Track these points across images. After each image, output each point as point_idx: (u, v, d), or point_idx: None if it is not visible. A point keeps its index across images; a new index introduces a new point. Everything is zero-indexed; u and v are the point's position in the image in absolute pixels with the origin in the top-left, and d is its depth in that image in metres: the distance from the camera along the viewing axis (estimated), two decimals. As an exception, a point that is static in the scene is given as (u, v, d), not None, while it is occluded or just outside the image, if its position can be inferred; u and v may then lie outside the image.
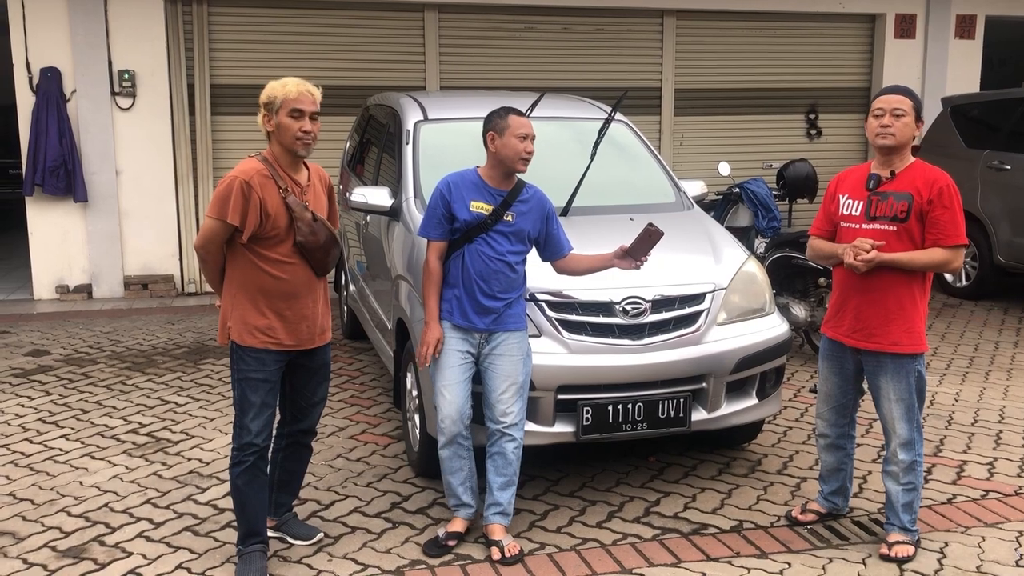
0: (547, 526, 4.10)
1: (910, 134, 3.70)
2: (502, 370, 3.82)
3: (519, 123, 3.81)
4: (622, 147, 5.57)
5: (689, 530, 4.07)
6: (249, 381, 3.56)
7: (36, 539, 3.98)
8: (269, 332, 3.53)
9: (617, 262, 3.90)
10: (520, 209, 3.87)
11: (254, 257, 3.50)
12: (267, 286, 3.51)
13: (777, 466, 4.79)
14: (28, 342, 7.35)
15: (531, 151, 3.80)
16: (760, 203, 7.31)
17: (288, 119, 3.46)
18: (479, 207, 3.82)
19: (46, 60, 8.53)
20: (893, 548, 3.77)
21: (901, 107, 3.67)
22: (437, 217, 3.84)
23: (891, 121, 3.67)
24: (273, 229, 3.46)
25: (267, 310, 3.52)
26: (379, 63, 9.46)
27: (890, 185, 3.71)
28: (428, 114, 5.57)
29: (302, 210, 3.51)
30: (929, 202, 3.63)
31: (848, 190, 3.84)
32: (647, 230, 3.78)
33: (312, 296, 3.62)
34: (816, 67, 10.67)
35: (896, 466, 3.78)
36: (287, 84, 3.48)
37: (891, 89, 3.77)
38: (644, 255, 3.84)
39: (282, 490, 3.91)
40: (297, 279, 3.54)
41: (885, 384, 3.74)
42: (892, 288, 3.67)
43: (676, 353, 4.22)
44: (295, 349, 3.60)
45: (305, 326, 3.60)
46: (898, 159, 3.74)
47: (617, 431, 4.17)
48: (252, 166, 3.48)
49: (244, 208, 3.40)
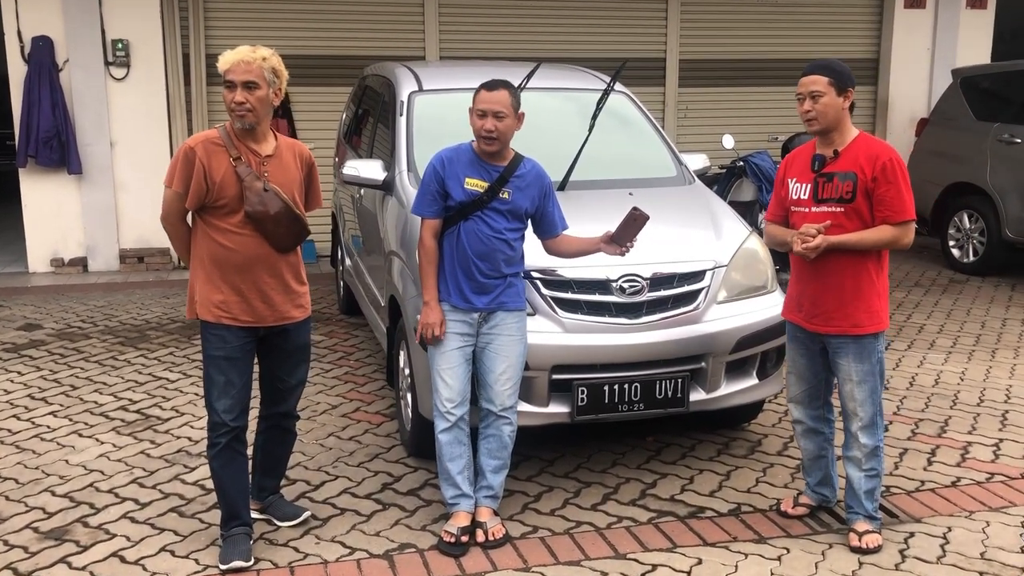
0: (540, 508, 4.01)
1: (835, 111, 3.55)
2: (501, 351, 3.71)
3: (481, 98, 3.66)
4: (622, 119, 5.42)
5: (686, 513, 3.97)
6: (212, 359, 3.47)
7: (18, 520, 3.90)
8: (223, 307, 3.43)
9: (603, 247, 3.76)
10: (517, 185, 3.74)
11: (207, 228, 3.43)
12: (219, 257, 3.42)
13: (777, 447, 4.68)
14: (21, 316, 7.27)
15: (490, 129, 3.60)
16: (765, 177, 7.16)
17: (224, 90, 3.38)
18: (474, 184, 3.69)
19: (38, 29, 8.38)
20: (863, 539, 3.64)
21: (817, 88, 3.53)
22: (431, 194, 3.71)
23: (811, 106, 3.55)
24: (221, 198, 3.37)
25: (222, 284, 3.43)
26: (377, 32, 9.28)
27: (835, 165, 3.58)
28: (423, 84, 5.43)
29: (252, 179, 3.39)
30: (873, 179, 3.50)
31: (796, 173, 3.71)
32: (631, 214, 3.64)
33: (270, 271, 3.48)
34: (824, 37, 10.45)
35: (859, 451, 3.67)
36: (227, 53, 3.39)
37: (807, 69, 3.60)
38: (630, 240, 3.71)
39: (265, 473, 3.82)
40: (248, 251, 3.43)
41: (847, 365, 3.63)
42: (846, 270, 3.56)
43: (674, 332, 4.10)
44: (255, 326, 3.49)
45: (263, 302, 3.48)
46: (837, 136, 3.60)
47: (613, 412, 4.07)
48: (204, 134, 3.44)
49: (187, 174, 3.35)
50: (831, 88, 3.54)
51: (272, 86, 3.40)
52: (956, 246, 8.86)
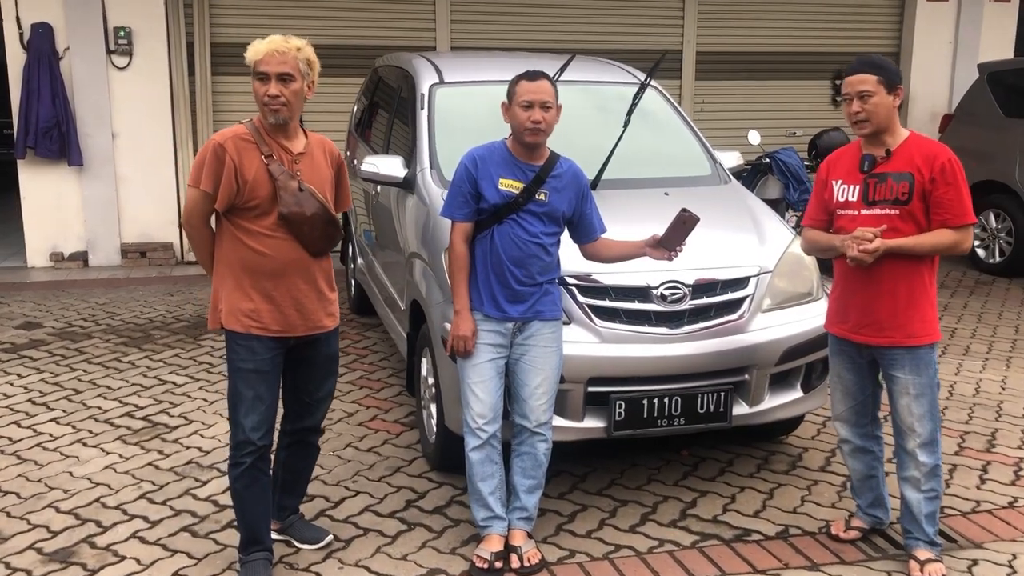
0: (576, 530, 3.77)
1: (887, 111, 3.32)
2: (536, 363, 3.47)
3: (524, 89, 3.40)
4: (653, 115, 5.16)
5: (731, 536, 3.74)
6: (239, 372, 3.22)
7: (21, 539, 3.66)
8: (253, 316, 3.18)
9: (649, 251, 3.52)
10: (554, 186, 3.49)
11: (237, 231, 3.17)
12: (251, 263, 3.16)
13: (819, 462, 4.45)
14: (20, 314, 7.01)
15: (537, 120, 3.36)
16: (791, 174, 6.94)
17: (256, 83, 3.13)
18: (508, 185, 3.44)
19: (37, 15, 8.10)
20: (926, 568, 3.40)
21: (865, 87, 3.30)
22: (463, 195, 3.46)
23: (860, 107, 3.31)
24: (253, 199, 3.12)
25: (252, 291, 3.18)
26: (387, 22, 9.02)
27: (887, 165, 3.35)
28: (444, 76, 5.17)
29: (287, 179, 3.15)
30: (931, 180, 3.28)
31: (841, 175, 3.47)
32: (681, 216, 3.39)
33: (304, 277, 3.24)
34: (844, 30, 10.18)
35: (917, 471, 3.43)
36: (257, 42, 3.13)
37: (852, 67, 3.37)
38: (679, 244, 3.46)
39: (286, 492, 3.57)
40: (283, 255, 3.18)
41: (903, 378, 3.39)
42: (900, 277, 3.33)
43: (717, 343, 3.86)
44: (285, 336, 3.24)
45: (296, 310, 3.23)
46: (888, 136, 3.37)
47: (652, 427, 3.83)
48: (232, 130, 3.17)
49: (217, 173, 3.09)
50: (880, 87, 3.31)
51: (306, 78, 3.17)
52: (982, 246, 8.63)
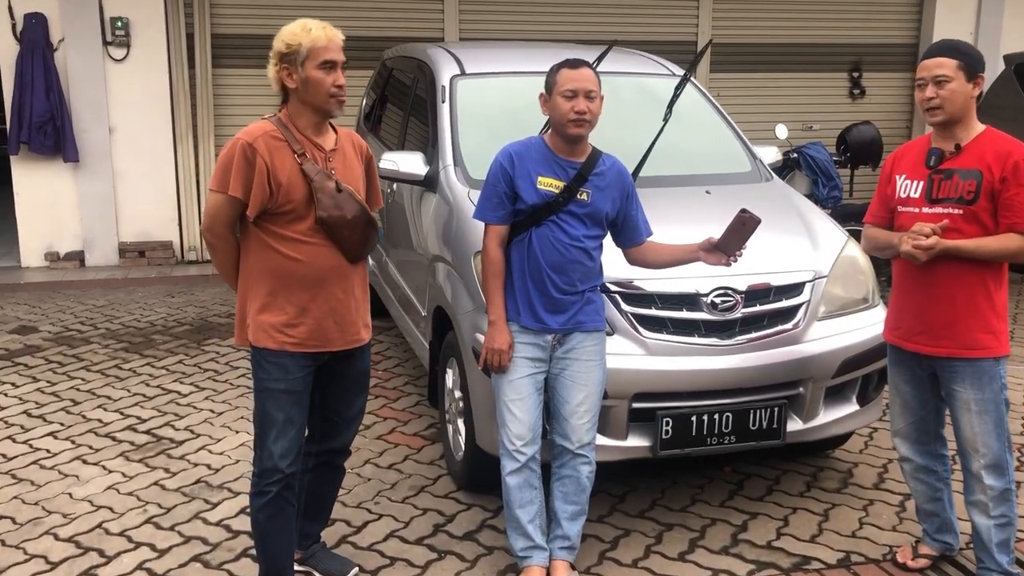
0: (620, 558, 3.48)
1: (964, 99, 3.04)
2: (578, 378, 3.18)
3: (566, 77, 3.11)
4: (689, 109, 4.85)
5: (789, 565, 3.46)
6: (270, 393, 2.91)
7: (16, 572, 3.36)
8: (288, 331, 2.88)
9: (704, 256, 3.22)
10: (596, 184, 3.20)
11: (268, 238, 2.85)
12: (284, 271, 2.86)
13: (872, 478, 4.17)
14: (14, 317, 6.70)
15: (581, 110, 3.07)
16: (820, 170, 6.64)
17: (319, 72, 2.81)
18: (548, 184, 3.15)
19: (31, 4, 7.74)
20: None
21: (943, 72, 3.01)
22: (498, 196, 3.17)
23: (934, 92, 3.03)
24: (287, 202, 2.81)
25: (286, 303, 2.87)
26: (392, 12, 8.69)
27: (955, 161, 3.07)
28: (465, 68, 4.86)
29: (324, 179, 2.85)
30: (1002, 180, 2.99)
31: (906, 169, 3.20)
32: (740, 217, 3.09)
33: (343, 285, 2.95)
34: (860, 20, 9.88)
35: (983, 495, 3.16)
36: (311, 29, 2.82)
37: (930, 51, 3.09)
38: (739, 248, 3.17)
39: (309, 518, 3.27)
40: (321, 263, 2.88)
41: (963, 392, 3.11)
42: (959, 283, 3.05)
43: (771, 354, 3.58)
44: (320, 352, 2.95)
45: (334, 322, 2.94)
46: (961, 130, 3.08)
47: (701, 445, 3.55)
48: (259, 127, 2.85)
49: (247, 177, 2.77)
50: (960, 72, 3.02)
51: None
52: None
